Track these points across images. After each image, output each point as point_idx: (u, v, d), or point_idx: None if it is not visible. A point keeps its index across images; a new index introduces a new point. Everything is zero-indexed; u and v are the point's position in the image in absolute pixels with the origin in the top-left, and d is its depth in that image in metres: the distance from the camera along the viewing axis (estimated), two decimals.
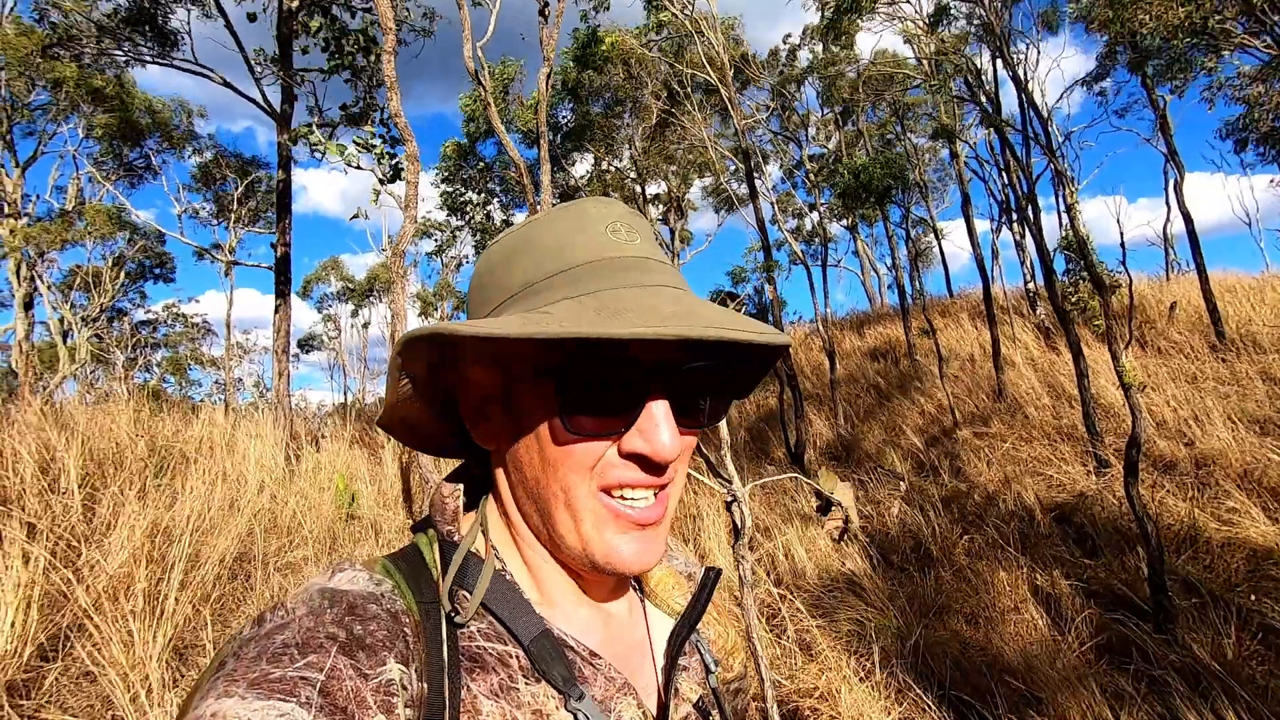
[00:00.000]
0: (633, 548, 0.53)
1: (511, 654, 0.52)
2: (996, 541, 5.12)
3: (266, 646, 0.42)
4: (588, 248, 0.54)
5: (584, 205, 0.58)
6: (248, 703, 0.38)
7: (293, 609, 0.46)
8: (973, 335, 12.77)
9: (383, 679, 0.44)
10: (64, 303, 16.18)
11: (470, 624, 0.52)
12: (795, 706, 3.14)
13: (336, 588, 0.49)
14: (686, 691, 0.61)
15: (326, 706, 0.40)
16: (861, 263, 28.49)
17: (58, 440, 4.21)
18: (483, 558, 0.56)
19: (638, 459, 0.52)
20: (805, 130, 17.39)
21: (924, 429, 8.94)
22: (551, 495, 0.53)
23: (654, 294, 0.51)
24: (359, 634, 0.45)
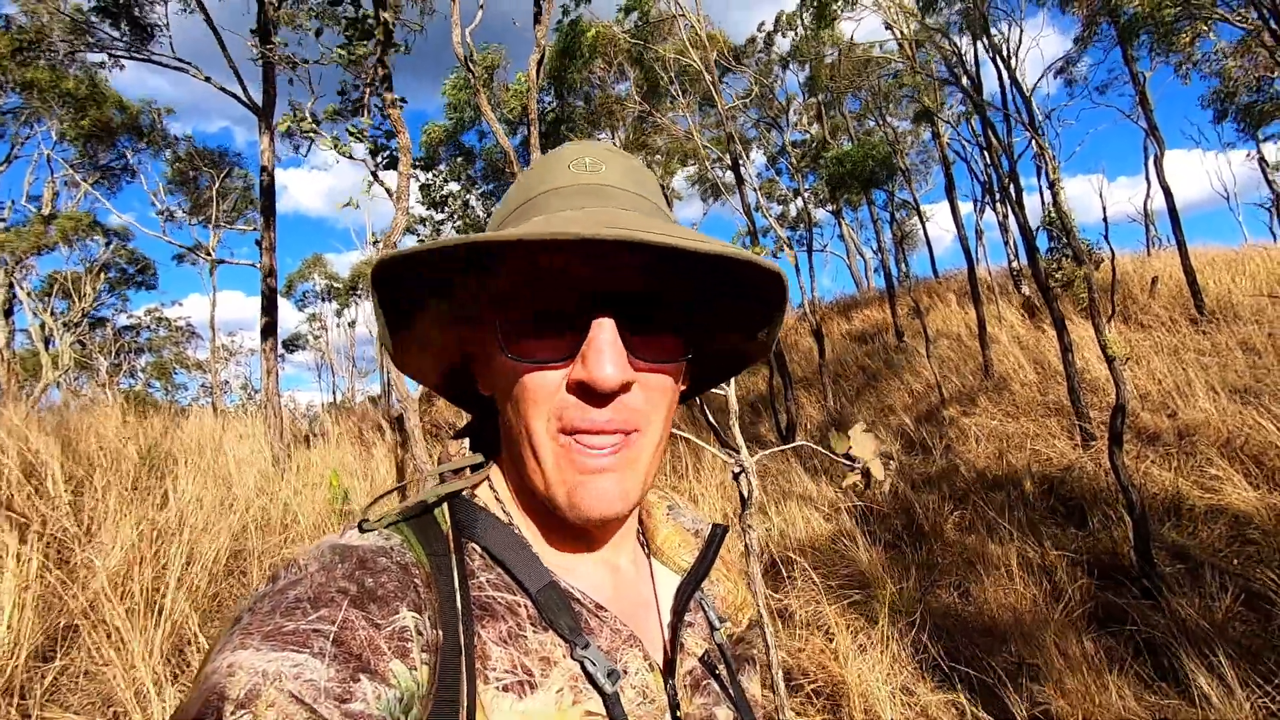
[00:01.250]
0: (593, 492, 0.51)
1: (520, 603, 0.52)
2: (987, 515, 5.19)
3: (280, 601, 0.43)
4: (547, 181, 0.56)
5: (564, 146, 0.59)
6: (263, 654, 0.39)
7: (305, 565, 0.47)
8: (959, 315, 12.87)
9: (396, 626, 0.44)
10: (44, 309, 15.96)
11: (480, 574, 0.53)
12: (800, 684, 3.19)
13: (347, 543, 0.49)
14: (692, 646, 0.61)
15: (340, 655, 0.41)
16: (847, 247, 28.59)
17: (41, 443, 4.17)
18: (491, 511, 0.56)
19: (584, 391, 0.50)
20: (786, 116, 17.38)
21: (913, 408, 9.02)
22: (518, 434, 0.53)
23: (596, 213, 0.49)
24: (370, 586, 0.46)
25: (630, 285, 0.51)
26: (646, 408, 0.53)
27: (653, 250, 0.47)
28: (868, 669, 3.03)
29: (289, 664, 0.39)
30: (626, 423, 0.52)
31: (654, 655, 0.57)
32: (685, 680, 0.59)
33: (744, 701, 0.62)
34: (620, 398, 0.51)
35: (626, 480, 0.53)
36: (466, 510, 0.56)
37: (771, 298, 0.57)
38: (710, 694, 0.60)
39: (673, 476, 6.09)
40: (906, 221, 27.55)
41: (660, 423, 0.55)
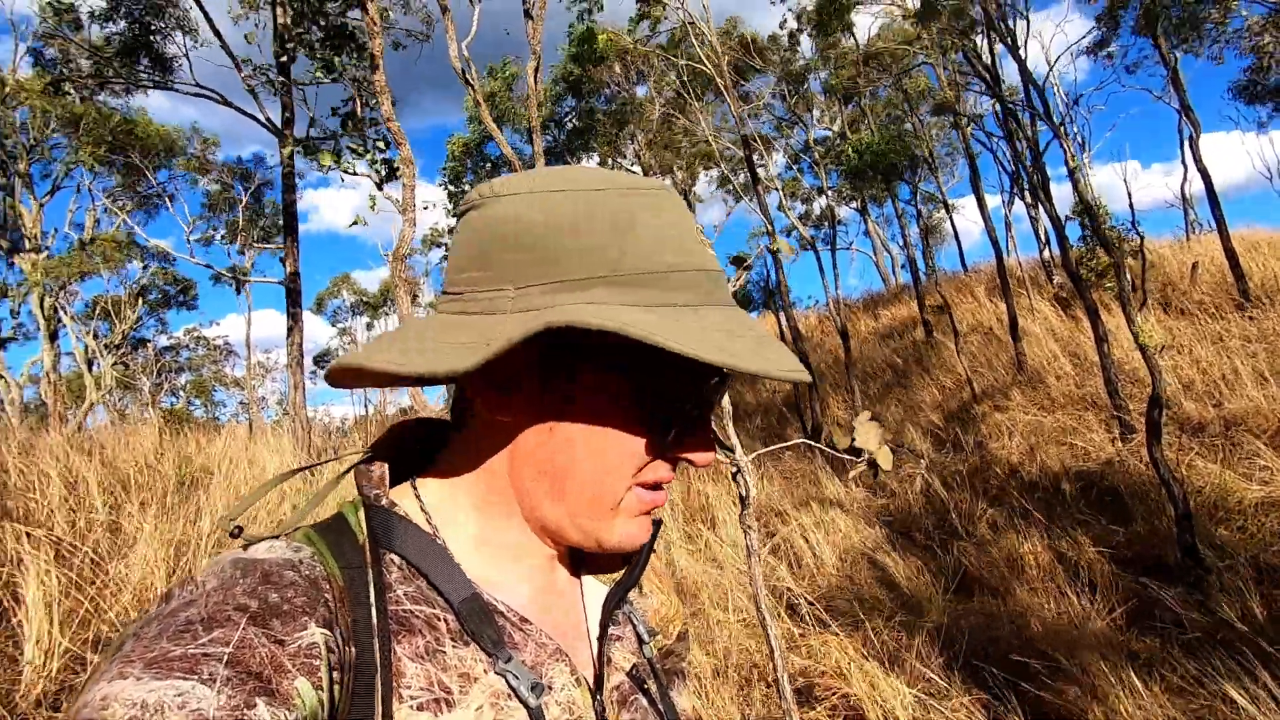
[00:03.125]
0: (640, 530, 0.54)
1: (440, 617, 0.50)
2: (1021, 513, 5.04)
3: (169, 625, 0.40)
4: (681, 250, 0.51)
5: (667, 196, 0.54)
6: (143, 684, 0.36)
7: (203, 582, 0.43)
8: (989, 309, 12.58)
9: (302, 643, 0.42)
10: (87, 333, 16.54)
11: (398, 587, 0.50)
12: (811, 680, 3.12)
13: (251, 557, 0.46)
14: (620, 661, 0.59)
15: (235, 678, 0.38)
16: (873, 244, 28.23)
17: (81, 462, 4.30)
18: (414, 522, 0.53)
19: (679, 462, 0.54)
20: (810, 113, 17.23)
21: (942, 405, 8.83)
22: (588, 483, 0.52)
23: (735, 316, 0.52)
24: (274, 601, 0.43)
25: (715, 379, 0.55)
26: None
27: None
28: (889, 679, 2.95)
29: (172, 693, 0.35)
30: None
31: (583, 670, 0.55)
32: (612, 696, 0.57)
33: (674, 717, 0.61)
34: None
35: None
36: (384, 519, 0.53)
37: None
38: (638, 709, 0.58)
39: (692, 480, 6.04)
40: (933, 215, 27.13)
41: None
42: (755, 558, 1.76)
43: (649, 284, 0.48)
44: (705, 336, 0.46)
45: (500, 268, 0.50)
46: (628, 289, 0.48)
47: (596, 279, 0.48)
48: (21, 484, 3.88)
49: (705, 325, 0.48)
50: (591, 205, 0.50)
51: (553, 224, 0.49)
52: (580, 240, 0.49)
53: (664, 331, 0.44)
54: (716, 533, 5.13)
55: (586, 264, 0.48)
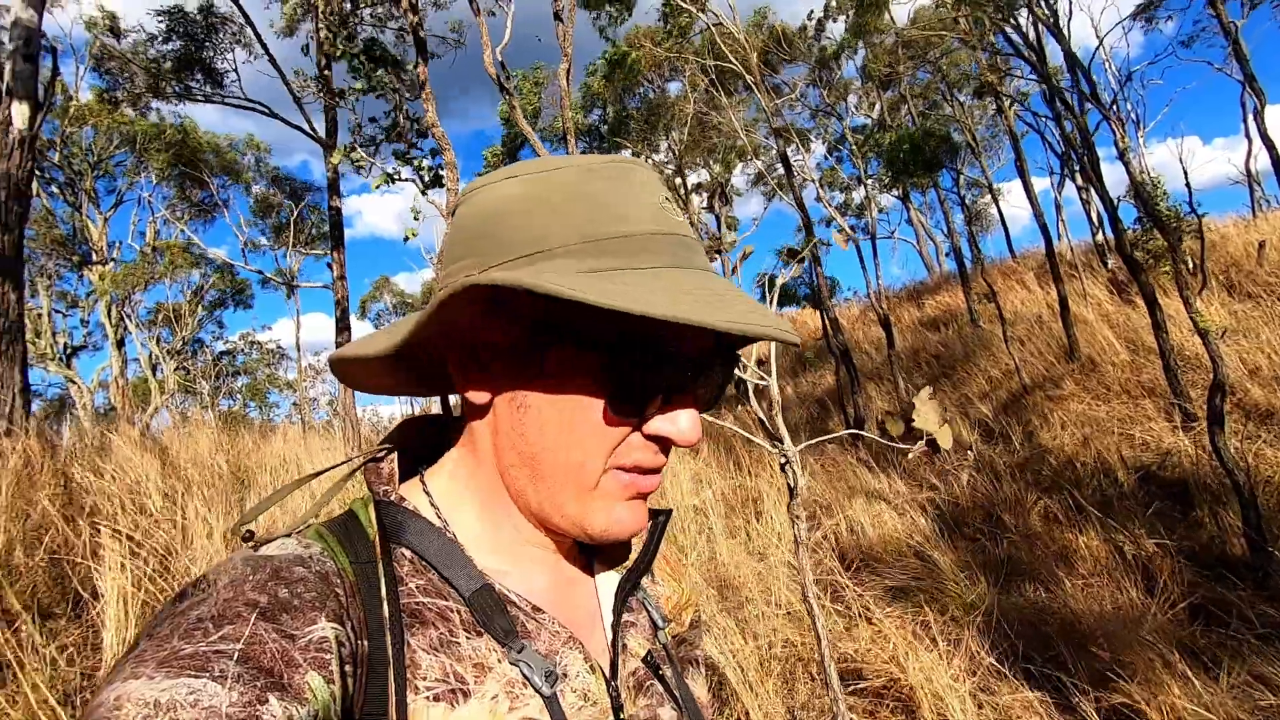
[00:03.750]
0: (632, 516, 0.53)
1: (452, 608, 0.50)
2: (1075, 505, 4.88)
3: (180, 623, 0.40)
4: (644, 218, 0.50)
5: (631, 168, 0.54)
6: (155, 682, 0.36)
7: (214, 580, 0.44)
8: (1039, 295, 12.18)
9: (313, 637, 0.42)
10: (151, 339, 17.34)
11: (409, 580, 0.51)
12: (858, 670, 3.09)
13: (261, 554, 0.47)
14: (634, 647, 0.60)
15: (246, 674, 0.38)
16: (916, 232, 27.56)
17: (146, 462, 4.53)
18: (423, 516, 0.54)
19: (659, 441, 0.52)
20: (845, 102, 16.93)
21: (991, 395, 8.59)
22: (560, 466, 0.51)
23: (707, 279, 0.50)
24: (284, 597, 0.43)
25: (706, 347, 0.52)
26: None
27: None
28: (939, 669, 2.90)
29: (184, 691, 0.36)
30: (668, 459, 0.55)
31: (597, 657, 0.56)
32: (628, 681, 0.58)
33: (691, 703, 0.61)
34: None
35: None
36: (394, 514, 0.54)
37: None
38: (654, 695, 0.59)
39: (738, 474, 6.02)
40: (978, 201, 26.35)
41: None
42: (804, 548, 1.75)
43: (607, 251, 0.48)
44: (651, 294, 0.44)
45: (469, 254, 0.50)
46: (585, 258, 0.48)
47: (550, 252, 0.48)
48: (93, 484, 4.11)
49: (661, 285, 0.46)
50: (549, 184, 0.51)
51: (512, 206, 0.50)
52: (536, 217, 0.49)
53: (601, 291, 0.42)
54: (760, 524, 5.11)
55: (538, 239, 0.48)
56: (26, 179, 5.33)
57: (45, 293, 15.56)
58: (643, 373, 0.49)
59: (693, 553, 4.48)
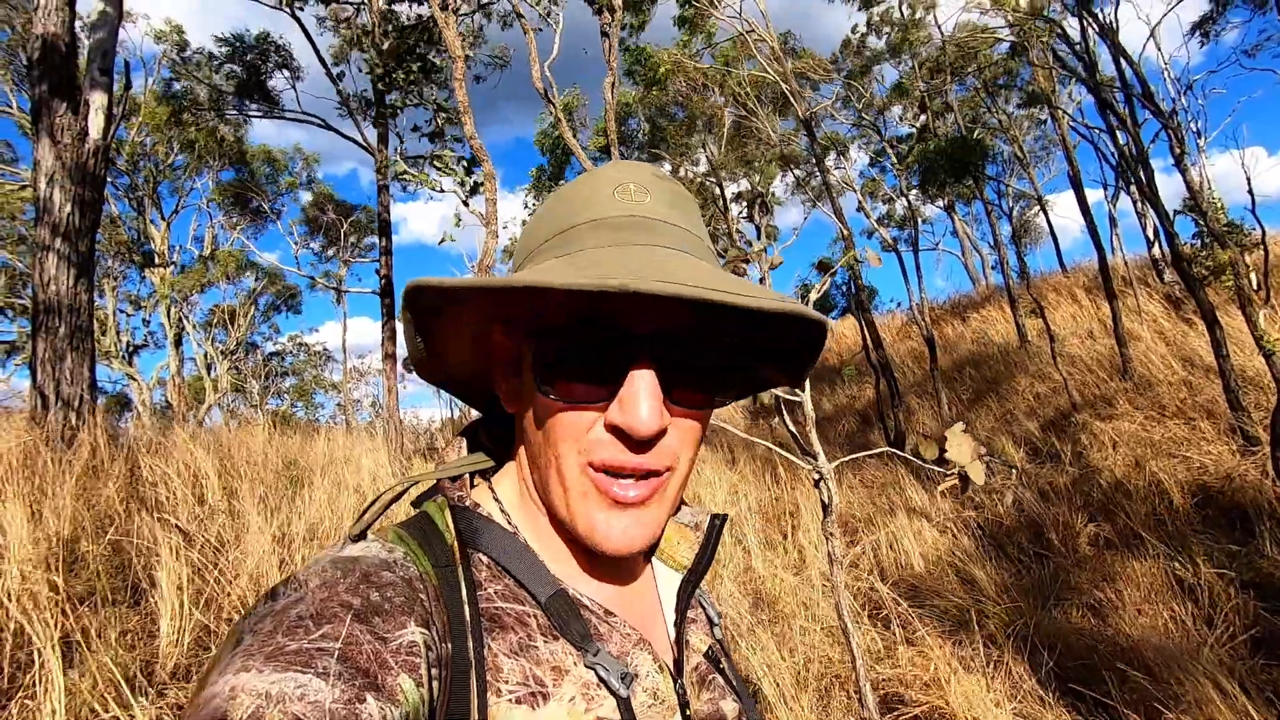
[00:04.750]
0: (617, 527, 0.52)
1: (529, 613, 0.52)
2: (1127, 529, 4.71)
3: (282, 620, 0.42)
4: (590, 208, 0.53)
5: (604, 168, 0.57)
6: (265, 675, 0.38)
7: (305, 581, 0.45)
8: (1090, 311, 11.81)
9: (404, 640, 0.43)
10: (207, 339, 18.03)
11: (487, 585, 0.52)
12: (898, 693, 3.03)
13: (349, 556, 0.48)
14: (696, 643, 0.62)
15: (346, 672, 0.39)
16: (961, 244, 27.01)
17: (201, 458, 4.72)
18: (496, 522, 0.56)
19: (619, 433, 0.50)
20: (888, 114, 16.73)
21: (1038, 413, 8.35)
22: (546, 462, 0.53)
23: (644, 253, 0.49)
24: (375, 600, 0.44)
25: (671, 328, 0.50)
26: (678, 447, 0.53)
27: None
28: (980, 692, 2.83)
29: (293, 685, 0.37)
30: (659, 463, 0.52)
31: (663, 656, 0.57)
32: (692, 677, 0.59)
33: (745, 693, 0.63)
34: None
35: (656, 514, 0.53)
36: (470, 520, 0.55)
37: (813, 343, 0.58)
38: (716, 688, 0.61)
39: (775, 487, 5.97)
40: (1025, 213, 25.66)
41: (690, 457, 0.55)
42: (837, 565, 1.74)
43: (551, 246, 0.53)
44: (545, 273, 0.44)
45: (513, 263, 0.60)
46: (545, 254, 0.53)
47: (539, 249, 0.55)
48: (152, 477, 4.29)
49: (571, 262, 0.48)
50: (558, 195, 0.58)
51: (535, 218, 0.58)
52: (523, 238, 0.58)
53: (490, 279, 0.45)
54: (797, 539, 5.06)
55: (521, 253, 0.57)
56: (100, 186, 5.62)
57: (111, 293, 16.35)
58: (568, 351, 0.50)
59: (729, 564, 4.46)
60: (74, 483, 3.79)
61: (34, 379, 4.94)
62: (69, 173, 5.20)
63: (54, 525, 3.29)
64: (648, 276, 0.42)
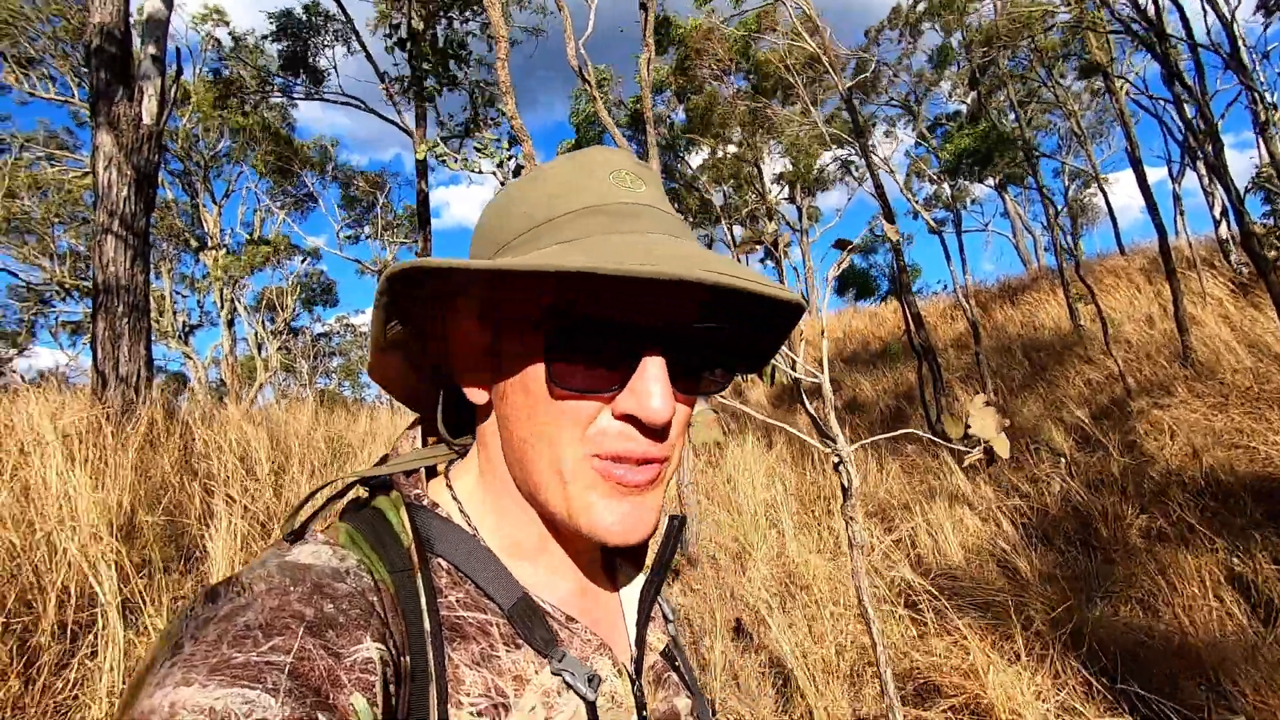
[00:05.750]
0: (619, 514, 0.50)
1: (491, 622, 0.50)
2: (1181, 520, 4.52)
3: (227, 629, 0.39)
4: (585, 193, 0.51)
5: (589, 152, 0.55)
6: (209, 690, 0.35)
7: (250, 585, 0.43)
8: (1149, 294, 11.30)
9: (358, 657, 0.41)
10: (257, 320, 18.65)
11: (448, 593, 0.50)
12: (934, 682, 2.98)
13: (297, 562, 0.45)
14: (654, 641, 0.61)
15: (296, 690, 0.37)
16: (1013, 224, 26.13)
17: (251, 433, 4.90)
18: (455, 523, 0.54)
19: (631, 421, 0.49)
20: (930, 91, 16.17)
21: (1090, 400, 8.05)
22: (538, 455, 0.50)
23: (653, 241, 0.48)
24: (329, 612, 0.42)
25: (681, 318, 0.49)
26: (674, 435, 0.52)
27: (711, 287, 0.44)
28: (1020, 685, 2.76)
29: (240, 701, 0.35)
30: (662, 451, 0.51)
31: (621, 658, 0.56)
32: (649, 676, 0.59)
33: (698, 687, 0.63)
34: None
35: (655, 500, 0.52)
36: (428, 521, 0.53)
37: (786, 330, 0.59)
38: (670, 685, 0.61)
39: (812, 471, 5.91)
40: (1083, 192, 24.62)
41: (681, 446, 0.54)
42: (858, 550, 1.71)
43: (540, 234, 0.50)
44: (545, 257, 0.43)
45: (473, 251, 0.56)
46: (512, 250, 0.51)
47: (503, 245, 0.52)
48: (205, 451, 4.47)
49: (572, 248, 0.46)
50: (510, 191, 0.55)
51: (484, 216, 0.55)
52: (493, 223, 0.54)
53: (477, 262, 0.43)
54: (833, 524, 5.01)
55: (490, 242, 0.53)
56: (154, 170, 5.82)
57: (167, 275, 17.04)
58: (574, 344, 0.48)
59: (761, 546, 4.44)
60: (132, 455, 3.96)
61: (95, 357, 5.18)
62: (125, 157, 5.39)
63: (114, 495, 3.45)
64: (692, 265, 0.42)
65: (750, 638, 3.49)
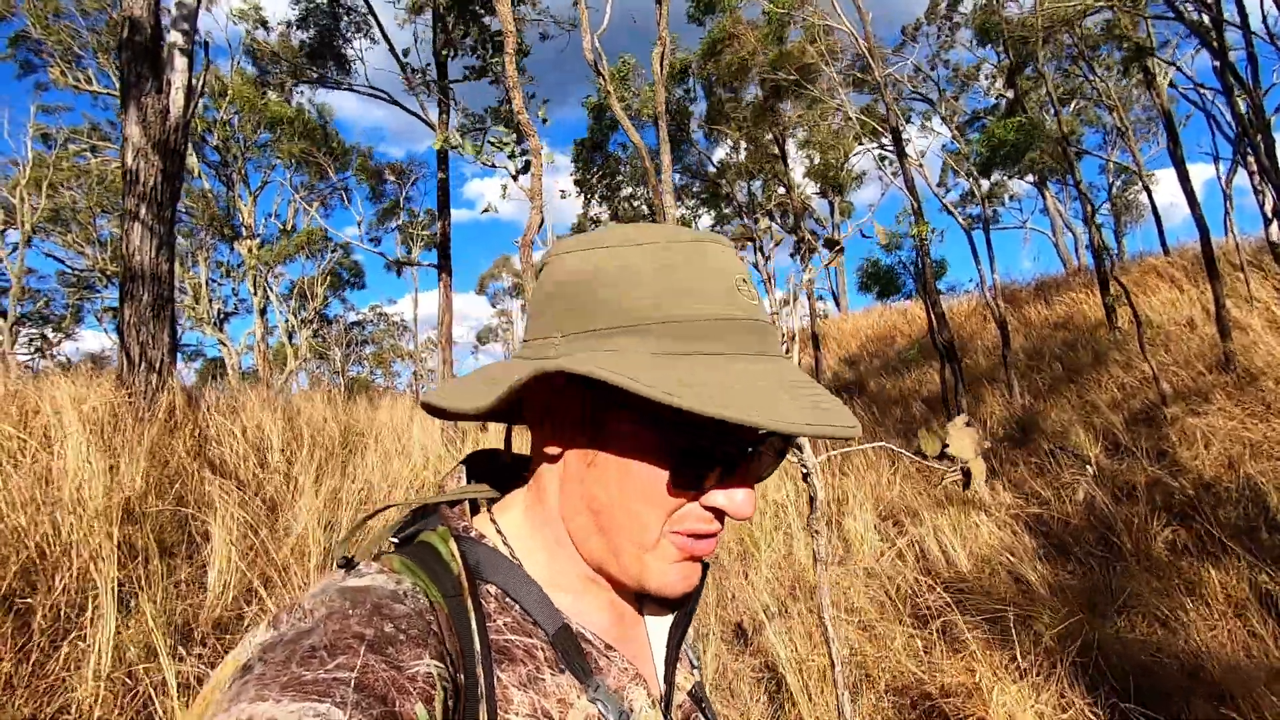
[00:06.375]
0: (684, 577, 0.56)
1: (537, 646, 0.53)
2: (1209, 534, 4.33)
3: (294, 651, 0.41)
4: (717, 300, 0.53)
5: (707, 247, 0.55)
6: (283, 705, 0.37)
7: (311, 611, 0.45)
8: (1192, 296, 10.87)
9: (420, 670, 0.43)
10: (289, 309, 19.05)
11: (496, 617, 0.53)
12: (934, 706, 2.89)
13: (356, 586, 0.48)
14: (681, 681, 0.64)
15: (363, 701, 0.39)
16: (1052, 222, 25.36)
17: (269, 423, 4.98)
18: (502, 553, 0.57)
19: (716, 513, 0.54)
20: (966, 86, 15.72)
21: (1123, 406, 7.77)
22: (618, 527, 0.54)
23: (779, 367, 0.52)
24: (389, 632, 0.44)
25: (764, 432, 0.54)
26: None
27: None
28: (1019, 702, 2.66)
29: (311, 714, 0.37)
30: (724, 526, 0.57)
31: (654, 692, 0.59)
32: (678, 714, 0.62)
33: None
34: None
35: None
36: (476, 550, 0.56)
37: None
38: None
39: (823, 474, 5.80)
40: (1129, 189, 23.79)
41: None
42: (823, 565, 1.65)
43: (679, 334, 0.50)
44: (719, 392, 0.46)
45: (551, 318, 0.54)
46: (658, 338, 0.50)
47: (627, 328, 0.51)
48: (219, 438, 4.55)
49: (731, 379, 0.48)
50: (630, 258, 0.53)
51: (594, 277, 0.53)
52: (614, 291, 0.52)
53: (667, 383, 0.45)
54: (843, 528, 4.91)
55: (618, 314, 0.51)
56: (181, 160, 5.94)
57: (204, 263, 17.49)
58: (703, 451, 0.52)
59: (766, 550, 4.37)
60: (149, 441, 4.05)
61: (121, 342, 5.31)
62: (152, 148, 5.50)
63: (128, 480, 3.53)
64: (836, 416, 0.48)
65: (748, 642, 3.43)
